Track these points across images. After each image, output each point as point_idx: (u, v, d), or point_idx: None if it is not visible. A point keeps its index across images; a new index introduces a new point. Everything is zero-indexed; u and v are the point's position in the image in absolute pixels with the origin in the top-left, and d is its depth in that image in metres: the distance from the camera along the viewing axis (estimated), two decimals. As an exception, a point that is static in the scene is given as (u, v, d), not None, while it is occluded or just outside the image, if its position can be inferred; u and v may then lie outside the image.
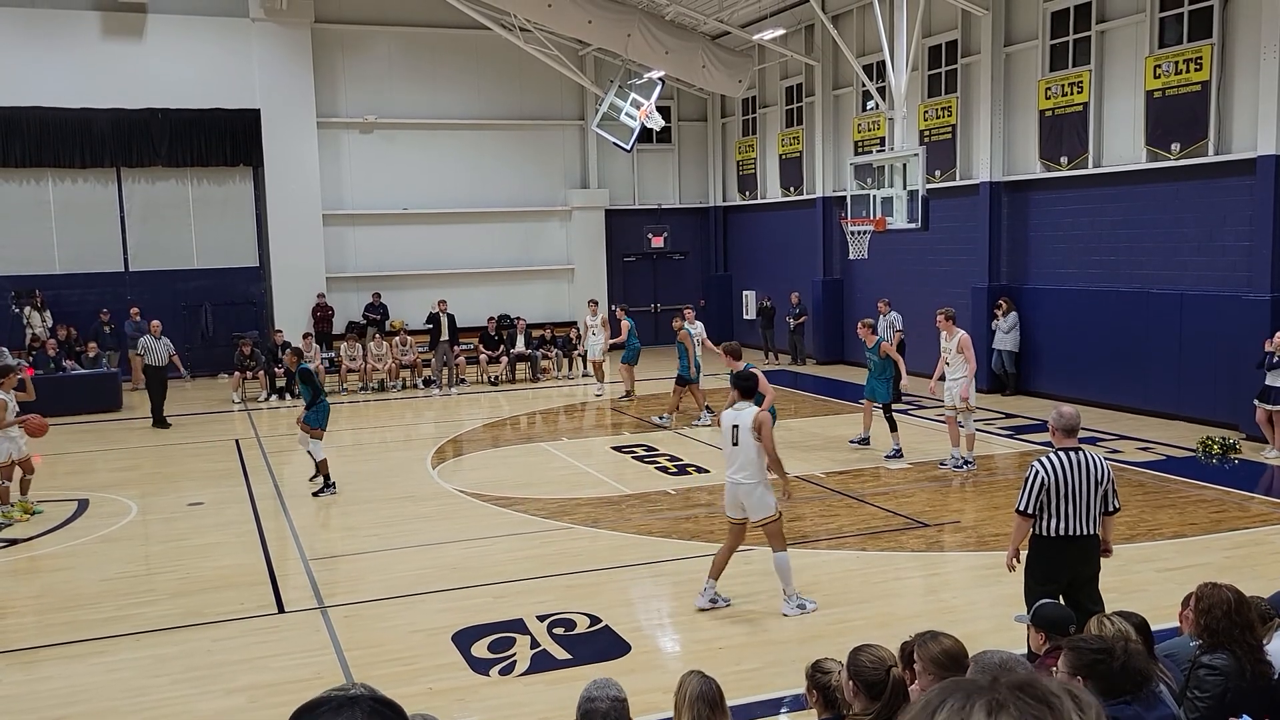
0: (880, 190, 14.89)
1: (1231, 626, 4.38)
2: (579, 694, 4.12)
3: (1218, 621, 4.41)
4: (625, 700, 4.04)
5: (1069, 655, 4.07)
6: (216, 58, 22.32)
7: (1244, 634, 4.37)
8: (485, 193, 24.92)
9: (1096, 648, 4.02)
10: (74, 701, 6.75)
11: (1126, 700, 3.89)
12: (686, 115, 27.28)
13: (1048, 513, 6.32)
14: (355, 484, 12.88)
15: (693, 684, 4.16)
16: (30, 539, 10.63)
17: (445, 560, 9.64)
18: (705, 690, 4.12)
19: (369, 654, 7.38)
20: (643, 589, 8.96)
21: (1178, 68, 14.46)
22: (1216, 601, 4.45)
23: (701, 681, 4.17)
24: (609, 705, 3.95)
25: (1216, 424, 13.98)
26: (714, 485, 12.14)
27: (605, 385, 19.66)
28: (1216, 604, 4.44)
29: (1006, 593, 7.79)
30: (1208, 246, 14.49)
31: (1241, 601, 4.46)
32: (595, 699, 3.97)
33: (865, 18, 20.31)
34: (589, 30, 21.37)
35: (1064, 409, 6.55)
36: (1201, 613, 4.49)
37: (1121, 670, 3.93)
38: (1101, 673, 3.93)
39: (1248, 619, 4.42)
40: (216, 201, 23.11)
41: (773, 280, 24.54)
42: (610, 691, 4.00)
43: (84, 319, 20.99)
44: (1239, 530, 9.86)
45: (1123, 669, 3.93)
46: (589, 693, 4.02)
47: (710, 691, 4.13)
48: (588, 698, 4.00)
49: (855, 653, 4.20)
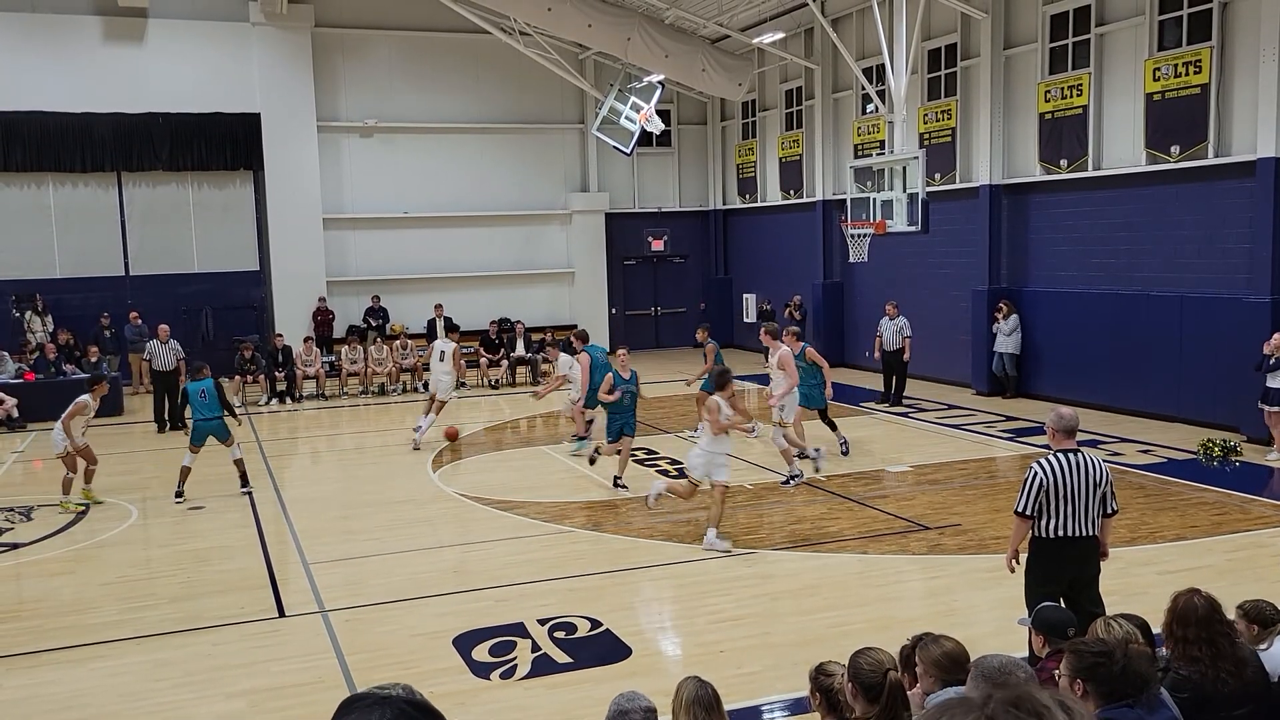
0: (880, 193, 14.90)
1: (1198, 638, 4.36)
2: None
3: (1186, 630, 4.41)
4: (655, 710, 4.04)
5: (1070, 658, 4.06)
6: (217, 62, 22.36)
7: (1207, 647, 4.34)
8: (485, 196, 24.93)
9: (1097, 650, 4.01)
10: (74, 706, 6.75)
11: (1129, 703, 3.88)
12: (686, 119, 27.30)
13: (1046, 514, 6.33)
14: (356, 487, 12.89)
15: (689, 689, 4.17)
16: (31, 543, 10.62)
17: (446, 564, 9.64)
18: (702, 695, 4.12)
19: (370, 658, 7.37)
20: (644, 593, 8.96)
21: (1177, 70, 14.47)
22: (1187, 610, 4.45)
23: (698, 686, 4.17)
24: (642, 716, 3.96)
25: (1217, 426, 13.97)
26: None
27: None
28: (1188, 612, 4.44)
29: (1007, 595, 7.78)
30: (1208, 249, 14.49)
31: (1212, 612, 4.43)
32: (627, 711, 3.96)
33: (865, 21, 20.34)
34: (589, 34, 21.38)
35: (1063, 410, 6.55)
36: (1174, 620, 4.50)
37: (1122, 673, 3.92)
38: (1102, 675, 3.92)
39: (1216, 630, 4.39)
40: (217, 206, 23.13)
41: (773, 283, 24.55)
42: (641, 703, 4.00)
43: (85, 323, 20.99)
44: (1240, 533, 9.85)
45: (1124, 672, 3.92)
46: (620, 705, 4.01)
47: (707, 696, 4.13)
48: (620, 710, 3.98)
49: (856, 656, 4.21)
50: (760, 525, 10.72)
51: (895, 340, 17.45)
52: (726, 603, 8.30)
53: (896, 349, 17.34)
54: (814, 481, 12.24)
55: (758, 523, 10.82)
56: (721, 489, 9.81)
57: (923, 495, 11.56)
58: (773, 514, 11.13)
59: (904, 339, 17.40)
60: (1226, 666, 4.32)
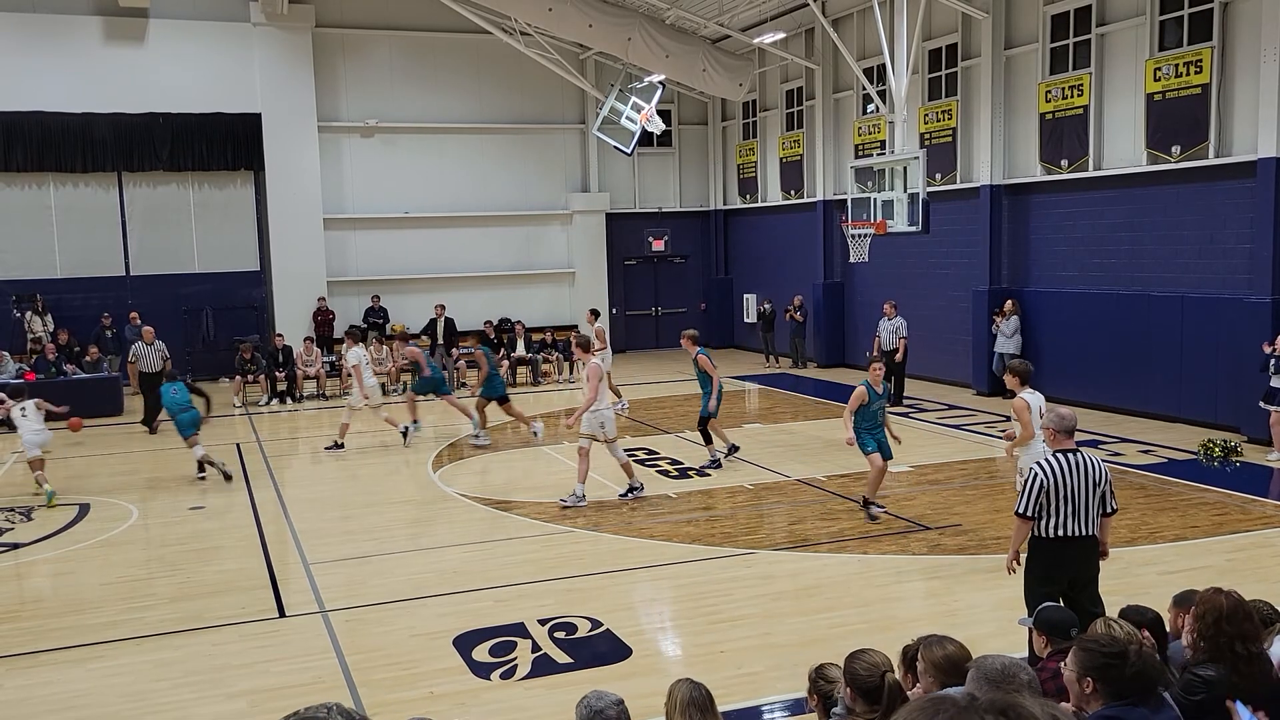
0: (881, 193, 14.91)
1: (1219, 634, 4.34)
2: (580, 698, 4.11)
3: (1209, 628, 4.38)
4: (623, 701, 4.05)
5: (1079, 655, 4.01)
6: (218, 62, 22.36)
7: (1234, 643, 4.32)
8: (486, 196, 24.93)
9: (1109, 650, 3.96)
10: (74, 706, 6.74)
11: (1133, 702, 3.86)
12: (687, 119, 27.30)
13: (1047, 514, 6.33)
14: (356, 487, 12.88)
15: (682, 690, 4.17)
16: (31, 543, 10.63)
17: (446, 564, 9.64)
18: (696, 696, 4.13)
19: (370, 658, 7.37)
20: (644, 593, 8.96)
21: (1178, 70, 14.46)
22: (1210, 608, 4.42)
23: (691, 688, 4.17)
24: (617, 712, 3.95)
25: (1218, 426, 13.97)
26: (715, 489, 12.15)
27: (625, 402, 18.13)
28: (1210, 610, 4.41)
29: (1008, 596, 7.78)
30: (1208, 249, 14.49)
31: (1237, 609, 4.41)
32: (602, 710, 3.94)
33: (865, 21, 20.34)
34: (589, 34, 21.39)
35: (1062, 410, 6.55)
36: (1196, 618, 4.47)
37: (1134, 676, 3.89)
38: (1113, 676, 3.89)
39: (1241, 628, 4.37)
40: (217, 206, 23.13)
41: (774, 283, 24.55)
42: (610, 698, 4.00)
43: (85, 323, 20.99)
44: (1241, 533, 9.84)
45: (1136, 675, 3.89)
46: (592, 704, 3.98)
47: (701, 697, 4.13)
48: (596, 710, 3.95)
49: (851, 659, 4.20)
50: (760, 525, 10.72)
51: (891, 340, 17.48)
52: (726, 603, 8.30)
53: (893, 349, 17.37)
54: (813, 481, 12.23)
55: (758, 523, 10.82)
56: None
57: (923, 495, 11.56)
58: (773, 514, 11.13)
59: (899, 339, 17.42)
60: (1258, 667, 4.31)
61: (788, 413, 17.50)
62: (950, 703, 1.41)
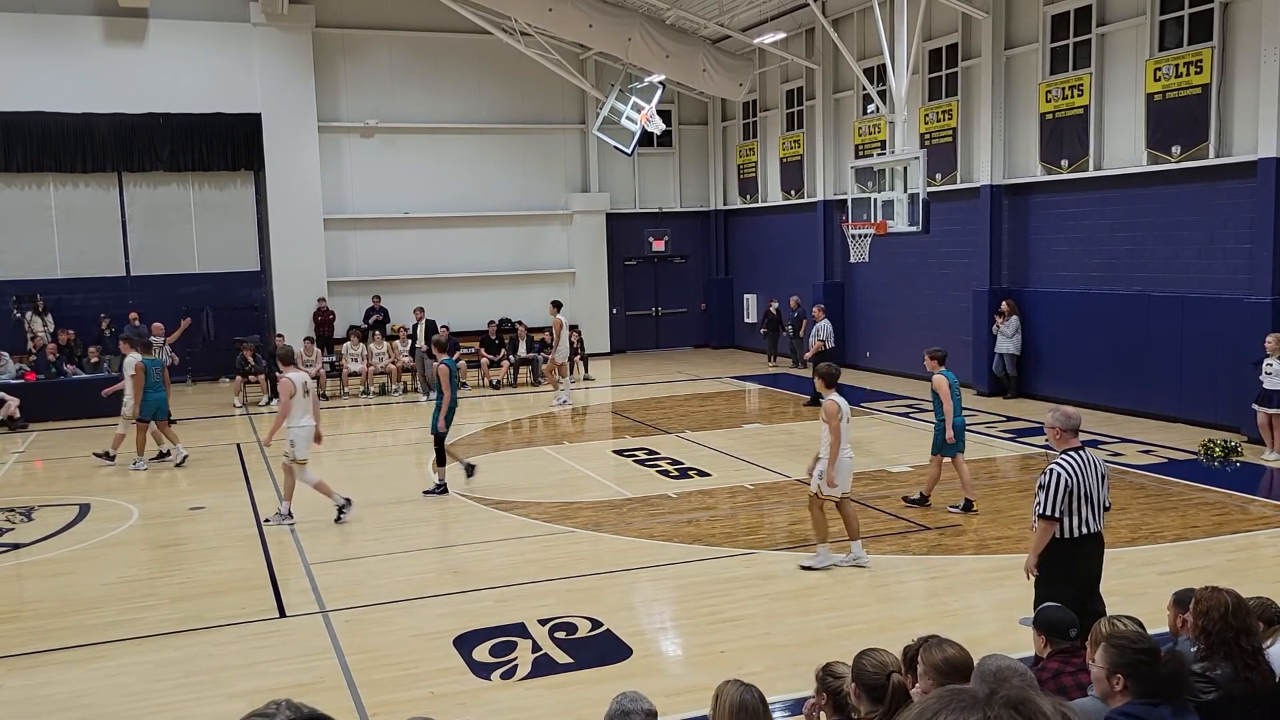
0: (881, 193, 14.89)
1: (1226, 630, 4.34)
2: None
3: (1213, 625, 4.38)
4: (656, 713, 3.83)
5: (1109, 652, 3.94)
6: (218, 63, 22.37)
7: (1239, 638, 4.32)
8: (486, 197, 24.94)
9: (1140, 646, 3.92)
10: (74, 706, 6.74)
11: (1156, 702, 3.84)
12: (687, 119, 27.30)
13: (1068, 513, 6.32)
14: (357, 488, 12.86)
15: (731, 693, 3.79)
16: (32, 543, 10.63)
17: (446, 564, 9.64)
18: (747, 699, 3.74)
19: (370, 658, 7.37)
20: (644, 593, 8.95)
21: (1178, 71, 14.46)
22: (1214, 605, 4.43)
23: (741, 690, 3.79)
24: (643, 719, 3.73)
25: (1218, 426, 13.97)
26: (716, 489, 12.15)
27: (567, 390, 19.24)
28: (1214, 607, 4.42)
29: (1008, 596, 7.78)
30: (1208, 249, 14.49)
31: (1239, 605, 4.42)
32: (630, 712, 3.71)
33: (865, 21, 20.33)
34: (590, 34, 21.39)
35: (1067, 409, 6.55)
36: (1199, 615, 4.47)
37: (1169, 677, 3.86)
38: (1146, 674, 3.85)
39: (1244, 624, 4.38)
40: (217, 206, 23.13)
41: (774, 284, 24.53)
42: (643, 705, 3.77)
43: (85, 324, 21.00)
44: (1241, 533, 9.84)
45: (1171, 676, 3.86)
46: (622, 705, 3.75)
47: (753, 700, 3.74)
48: (622, 710, 3.72)
49: (859, 657, 4.19)
50: (760, 525, 10.72)
51: (809, 344, 18.16)
52: (726, 603, 8.29)
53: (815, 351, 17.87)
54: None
55: (758, 523, 10.81)
56: None
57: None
58: (773, 514, 11.13)
59: (816, 341, 17.97)
60: (1259, 667, 4.30)
61: (788, 413, 17.51)
62: (968, 695, 1.41)
